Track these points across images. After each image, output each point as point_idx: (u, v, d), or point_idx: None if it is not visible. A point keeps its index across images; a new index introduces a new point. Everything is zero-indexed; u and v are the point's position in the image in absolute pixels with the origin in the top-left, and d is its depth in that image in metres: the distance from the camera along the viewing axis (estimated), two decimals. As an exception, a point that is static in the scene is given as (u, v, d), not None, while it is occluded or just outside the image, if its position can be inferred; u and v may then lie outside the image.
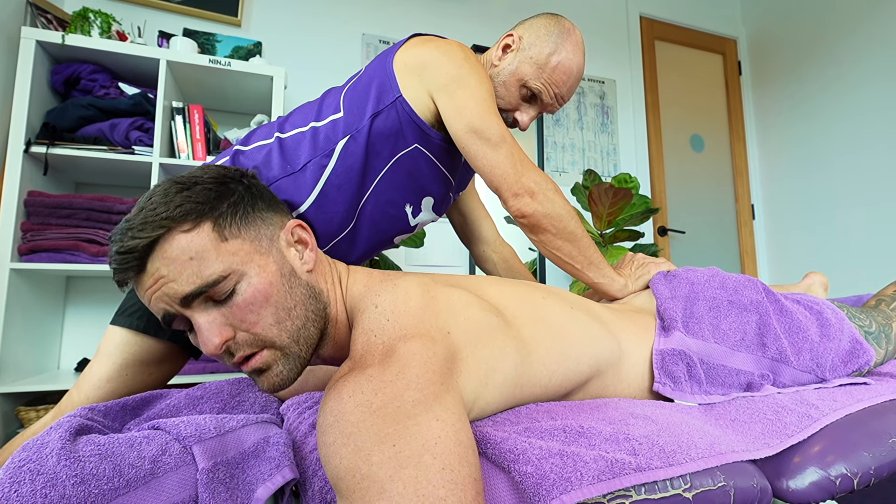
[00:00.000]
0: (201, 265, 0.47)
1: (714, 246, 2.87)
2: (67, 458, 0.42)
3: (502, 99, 0.91)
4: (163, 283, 0.47)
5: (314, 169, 0.84)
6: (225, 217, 0.49)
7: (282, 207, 0.58)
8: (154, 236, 0.46)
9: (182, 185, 0.49)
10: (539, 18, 0.90)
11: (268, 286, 0.49)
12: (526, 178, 0.79)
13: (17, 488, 0.39)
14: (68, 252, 1.44)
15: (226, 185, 0.51)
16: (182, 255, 0.46)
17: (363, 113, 0.83)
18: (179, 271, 0.46)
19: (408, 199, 0.92)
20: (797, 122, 2.70)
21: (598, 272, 0.83)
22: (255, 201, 0.53)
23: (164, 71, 1.55)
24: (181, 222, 0.47)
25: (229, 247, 0.48)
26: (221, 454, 0.47)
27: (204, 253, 0.47)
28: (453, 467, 0.34)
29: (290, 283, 0.52)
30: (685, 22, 2.95)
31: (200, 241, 0.47)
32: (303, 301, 0.52)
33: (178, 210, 0.47)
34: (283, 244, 0.54)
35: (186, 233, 0.47)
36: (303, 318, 0.52)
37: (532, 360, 0.54)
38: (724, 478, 0.46)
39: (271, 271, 0.50)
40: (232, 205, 0.50)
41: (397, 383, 0.40)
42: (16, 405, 1.43)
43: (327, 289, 0.57)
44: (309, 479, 0.48)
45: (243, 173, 0.55)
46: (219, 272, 0.47)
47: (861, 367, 0.70)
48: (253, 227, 0.51)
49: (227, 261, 0.48)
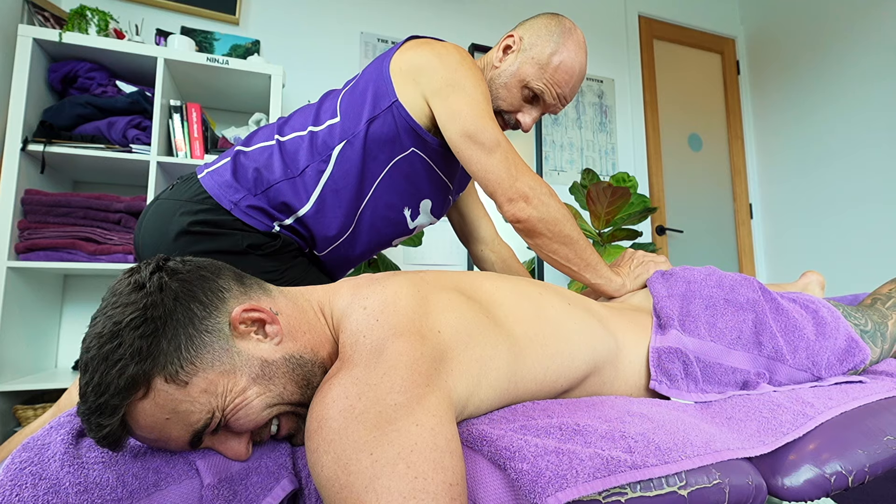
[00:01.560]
0: (182, 417, 0.43)
1: (712, 245, 2.87)
2: (71, 465, 0.41)
3: (504, 100, 0.90)
4: (161, 444, 0.44)
5: (313, 174, 0.84)
6: (172, 362, 0.42)
7: (220, 286, 0.48)
8: (117, 419, 0.41)
9: (110, 342, 0.41)
10: (539, 18, 0.90)
11: (246, 401, 0.45)
12: (520, 182, 0.79)
13: (19, 492, 0.38)
14: (66, 250, 1.43)
15: (153, 318, 0.42)
16: (157, 419, 0.42)
17: (359, 118, 0.83)
18: (168, 431, 0.43)
19: (406, 202, 0.92)
20: (795, 122, 2.71)
21: (596, 273, 0.83)
22: (190, 313, 0.44)
23: (162, 69, 1.55)
24: (132, 393, 0.41)
25: (193, 389, 0.43)
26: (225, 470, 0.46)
27: (176, 407, 0.42)
28: (427, 475, 0.35)
29: (268, 375, 0.47)
30: (684, 21, 2.95)
31: (163, 400, 0.42)
32: (289, 377, 0.48)
33: (121, 381, 0.40)
34: (240, 342, 0.46)
35: (144, 399, 0.41)
36: (296, 387, 0.49)
37: (526, 357, 0.54)
38: (720, 475, 0.46)
39: (244, 385, 0.45)
40: (170, 341, 0.42)
41: (381, 386, 0.40)
42: (13, 404, 1.43)
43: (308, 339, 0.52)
44: (304, 479, 0.48)
45: (160, 279, 0.45)
46: (204, 417, 0.43)
47: (857, 365, 0.70)
48: (205, 352, 0.44)
49: (201, 401, 0.43)
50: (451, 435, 0.39)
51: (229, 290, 0.48)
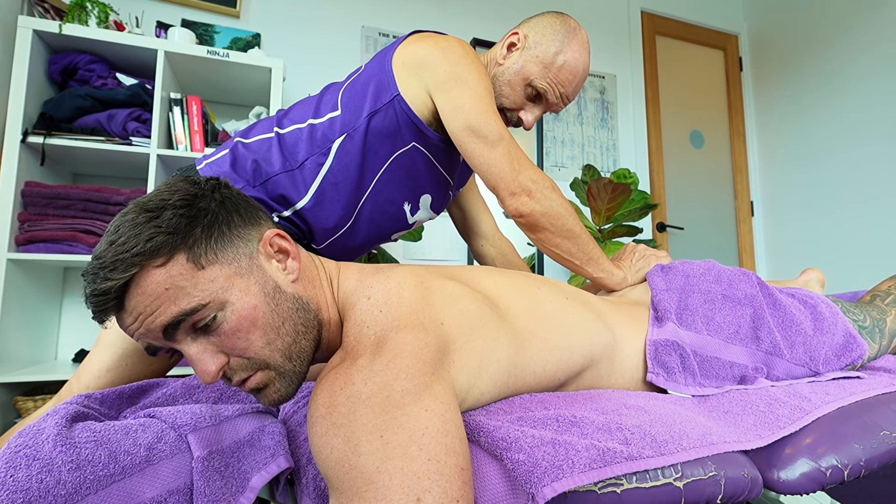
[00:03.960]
0: (178, 295, 0.44)
1: (713, 242, 2.87)
2: (63, 444, 0.42)
3: (507, 98, 0.90)
4: (142, 319, 0.44)
5: (312, 167, 0.84)
6: (199, 244, 0.46)
7: (260, 216, 0.54)
8: (127, 277, 0.43)
9: (150, 212, 0.45)
10: (545, 17, 0.90)
11: (252, 310, 0.47)
12: (523, 176, 0.79)
13: (13, 473, 0.39)
14: (66, 243, 1.44)
15: (197, 206, 0.47)
16: (158, 289, 0.44)
17: (360, 112, 0.83)
18: (157, 304, 0.44)
19: (406, 197, 0.92)
20: (797, 119, 2.70)
21: (598, 267, 0.83)
22: (229, 217, 0.49)
23: (162, 62, 1.55)
24: (153, 257, 0.44)
25: (207, 275, 0.46)
26: (217, 443, 0.47)
27: (181, 283, 0.44)
28: (439, 458, 0.35)
29: (276, 300, 0.49)
30: (686, 17, 2.94)
31: (176, 272, 0.44)
32: (291, 316, 0.50)
33: (149, 245, 0.43)
34: (263, 259, 0.50)
35: (160, 267, 0.44)
36: (293, 334, 0.50)
37: (526, 350, 0.54)
38: (716, 467, 0.46)
39: (254, 293, 0.48)
40: (205, 228, 0.47)
41: (387, 373, 0.40)
42: (14, 395, 1.43)
43: (316, 294, 0.54)
44: (303, 467, 0.48)
45: (215, 185, 0.51)
46: (197, 301, 0.45)
47: (854, 360, 0.70)
48: (230, 248, 0.48)
49: (205, 289, 0.45)
50: (459, 423, 0.39)
51: (266, 221, 0.54)
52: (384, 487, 0.33)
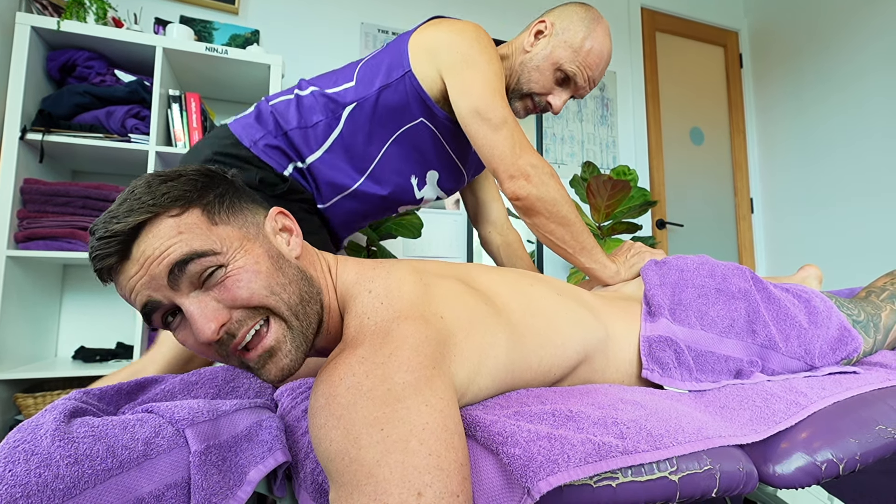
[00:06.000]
0: (192, 238, 0.45)
1: (712, 239, 2.87)
2: (62, 439, 0.42)
3: (536, 83, 0.93)
4: (149, 263, 0.44)
5: (324, 129, 0.90)
6: (213, 205, 0.48)
7: (263, 204, 0.57)
8: (141, 220, 0.44)
9: (166, 176, 0.48)
10: (569, 6, 0.94)
11: (256, 264, 0.48)
12: (523, 160, 0.81)
13: (12, 468, 0.39)
14: (65, 240, 1.44)
15: (210, 177, 0.51)
16: (171, 231, 0.45)
17: (372, 84, 0.88)
18: (169, 244, 0.44)
19: (413, 170, 0.97)
20: (797, 116, 2.69)
21: (590, 257, 0.85)
22: (239, 194, 0.53)
23: (161, 58, 1.54)
24: (169, 208, 0.45)
25: (219, 231, 0.47)
26: (214, 437, 0.47)
27: (195, 230, 0.46)
28: (440, 453, 0.35)
29: (280, 264, 0.50)
30: (687, 13, 2.93)
31: (191, 221, 0.46)
32: (295, 280, 0.50)
33: (165, 197, 0.45)
34: (269, 231, 0.52)
35: (175, 217, 0.46)
36: (298, 295, 0.50)
37: (523, 346, 0.54)
38: (711, 461, 0.47)
39: (259, 254, 0.49)
40: (218, 195, 0.50)
41: (389, 365, 0.40)
42: (14, 392, 1.43)
43: (318, 276, 0.55)
44: (301, 461, 0.48)
45: (225, 172, 0.54)
46: (209, 246, 0.46)
47: (849, 354, 0.71)
48: (240, 215, 0.51)
49: (215, 240, 0.46)
50: (458, 418, 0.40)
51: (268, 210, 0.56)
52: (385, 481, 0.33)
